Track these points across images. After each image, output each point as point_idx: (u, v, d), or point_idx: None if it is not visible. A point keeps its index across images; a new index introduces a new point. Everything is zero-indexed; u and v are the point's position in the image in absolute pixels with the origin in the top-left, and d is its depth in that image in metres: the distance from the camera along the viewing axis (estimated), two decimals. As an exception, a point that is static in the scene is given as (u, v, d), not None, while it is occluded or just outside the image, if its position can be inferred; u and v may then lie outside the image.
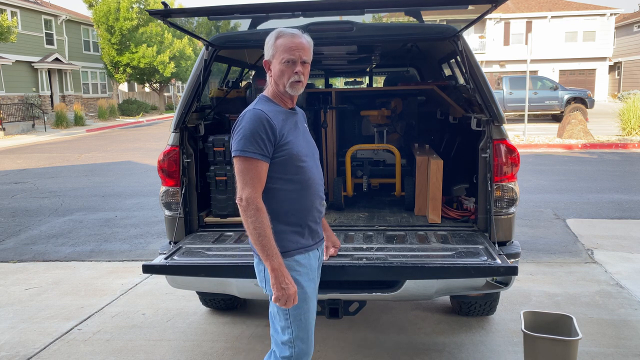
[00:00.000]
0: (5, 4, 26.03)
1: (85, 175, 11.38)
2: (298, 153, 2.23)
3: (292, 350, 2.26)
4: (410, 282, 2.83)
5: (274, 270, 2.13)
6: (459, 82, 4.63)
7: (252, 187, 2.13)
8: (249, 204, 2.12)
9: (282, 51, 2.19)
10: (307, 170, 2.28)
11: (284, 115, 2.24)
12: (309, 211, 2.31)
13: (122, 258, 5.70)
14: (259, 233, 2.11)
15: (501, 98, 20.10)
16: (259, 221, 2.11)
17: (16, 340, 3.81)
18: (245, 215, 2.13)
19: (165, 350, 3.61)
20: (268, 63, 2.25)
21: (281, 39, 2.20)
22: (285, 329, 2.27)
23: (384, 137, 4.86)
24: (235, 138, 2.18)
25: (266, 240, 2.12)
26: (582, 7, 36.50)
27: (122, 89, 39.53)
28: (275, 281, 2.14)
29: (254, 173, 2.14)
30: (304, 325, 2.28)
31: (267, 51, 2.25)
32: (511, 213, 3.18)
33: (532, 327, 2.99)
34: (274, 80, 2.24)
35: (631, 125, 15.27)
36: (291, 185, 2.24)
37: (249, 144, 2.13)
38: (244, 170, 2.14)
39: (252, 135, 2.13)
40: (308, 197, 2.29)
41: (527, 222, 6.69)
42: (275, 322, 2.31)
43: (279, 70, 2.21)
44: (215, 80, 4.89)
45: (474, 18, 3.06)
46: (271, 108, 2.21)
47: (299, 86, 2.23)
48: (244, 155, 2.13)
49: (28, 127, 23.77)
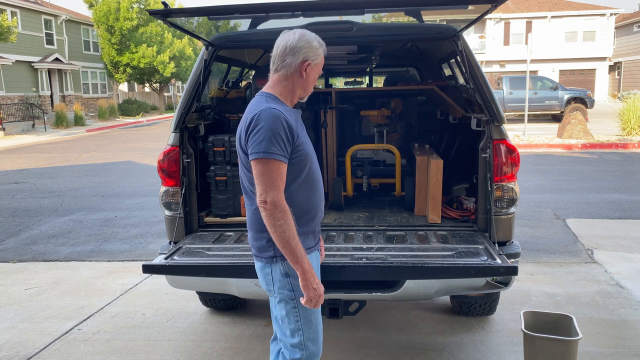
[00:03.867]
0: (5, 4, 26.02)
1: (85, 175, 11.38)
2: (309, 153, 2.22)
3: (302, 352, 2.25)
4: (410, 282, 2.83)
5: (305, 272, 2.09)
6: (459, 82, 4.63)
7: (277, 189, 2.05)
8: (276, 206, 2.04)
9: (322, 63, 2.21)
10: (316, 171, 2.28)
11: (294, 114, 2.22)
12: (317, 212, 2.30)
13: (122, 258, 5.70)
14: (289, 236, 2.05)
15: (501, 98, 20.10)
16: (287, 224, 2.05)
17: (16, 340, 3.81)
18: (272, 219, 2.05)
19: (165, 350, 3.61)
20: (307, 66, 2.17)
21: (322, 50, 2.21)
22: (296, 331, 2.24)
23: (384, 137, 4.86)
24: (254, 139, 2.06)
25: (295, 242, 2.06)
26: (582, 7, 36.50)
27: (122, 89, 39.52)
28: (307, 283, 2.10)
29: (277, 174, 2.06)
30: (314, 327, 2.27)
31: (309, 54, 2.17)
32: (511, 213, 3.18)
33: (532, 327, 2.99)
34: (299, 85, 2.20)
35: (631, 125, 15.27)
36: (304, 186, 2.21)
37: (272, 145, 2.04)
38: (268, 172, 2.05)
39: (273, 135, 2.05)
40: (316, 198, 2.28)
41: (527, 222, 6.69)
42: (283, 326, 2.27)
43: (313, 79, 2.22)
44: (215, 80, 4.89)
45: (474, 18, 3.06)
46: (283, 107, 2.16)
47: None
48: (267, 157, 2.04)
49: (28, 127, 23.77)
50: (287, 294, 2.22)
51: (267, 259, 2.21)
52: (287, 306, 2.23)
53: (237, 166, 3.58)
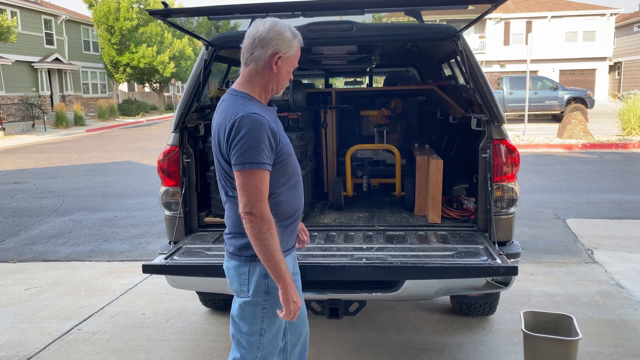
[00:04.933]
0: (5, 4, 26.03)
1: (85, 175, 11.38)
2: (290, 153, 2.13)
3: (258, 351, 2.18)
4: (410, 282, 2.82)
5: (287, 286, 2.01)
6: (459, 82, 4.63)
7: (263, 200, 1.96)
8: (262, 218, 1.95)
9: (296, 56, 2.08)
10: (297, 170, 2.18)
11: (272, 114, 2.11)
12: (298, 212, 2.22)
13: (122, 258, 5.70)
14: (273, 250, 1.97)
15: (501, 98, 20.10)
16: (272, 236, 1.97)
17: (16, 340, 3.81)
18: (257, 232, 1.95)
19: (165, 350, 3.61)
20: (277, 59, 2.03)
21: (296, 41, 2.06)
22: (256, 333, 2.16)
23: (384, 137, 4.86)
24: (237, 148, 1.94)
25: (278, 255, 1.98)
26: (582, 7, 36.50)
27: (122, 89, 39.52)
28: (288, 297, 2.02)
29: (262, 184, 1.97)
30: (276, 327, 2.20)
31: (280, 46, 2.02)
32: (511, 213, 3.18)
33: (532, 327, 2.99)
34: (271, 80, 2.07)
35: (631, 125, 15.27)
36: (287, 188, 2.13)
37: (257, 155, 1.94)
38: (254, 182, 1.95)
39: (258, 144, 1.94)
40: (298, 199, 2.20)
41: (527, 222, 6.69)
42: (242, 323, 2.17)
43: (286, 73, 2.08)
44: (215, 80, 4.89)
45: (474, 18, 3.06)
46: (262, 109, 2.03)
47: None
48: (253, 168, 1.94)
49: (28, 127, 23.77)
50: (262, 297, 2.13)
51: (248, 257, 2.10)
52: (257, 308, 2.14)
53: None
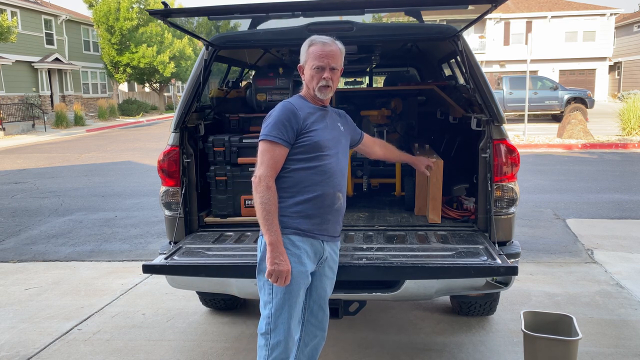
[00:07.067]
0: (5, 4, 26.02)
1: (85, 175, 11.38)
2: (320, 141, 2.41)
3: (268, 326, 2.39)
4: (410, 282, 2.83)
5: (271, 244, 2.28)
6: (459, 82, 4.62)
7: (267, 167, 2.33)
8: (260, 181, 2.32)
9: (313, 58, 2.42)
10: (327, 161, 2.44)
11: (312, 109, 2.47)
12: (322, 200, 2.42)
13: (122, 258, 5.70)
14: (264, 208, 2.29)
15: (501, 98, 20.10)
16: (266, 197, 2.30)
17: (16, 340, 3.81)
18: (255, 192, 2.32)
19: (165, 350, 3.61)
20: (302, 68, 2.50)
21: (313, 47, 2.43)
22: (267, 303, 2.41)
23: (384, 137, 4.85)
24: (263, 125, 2.41)
25: (270, 215, 2.29)
26: (582, 7, 36.49)
27: (122, 89, 39.51)
28: (270, 255, 2.28)
29: (270, 154, 2.35)
30: (282, 304, 2.38)
31: (301, 57, 2.49)
32: (511, 213, 3.18)
33: (532, 327, 2.99)
34: (306, 84, 2.49)
35: (631, 125, 15.27)
36: (310, 169, 2.40)
37: (273, 130, 2.36)
38: (263, 151, 2.36)
39: (277, 122, 2.37)
40: (323, 186, 2.42)
41: (527, 222, 6.69)
42: (260, 294, 2.46)
43: (310, 75, 2.45)
44: (215, 80, 4.88)
45: (474, 18, 3.06)
46: (301, 102, 2.47)
47: (328, 91, 2.46)
48: (265, 138, 2.36)
49: (28, 127, 23.77)
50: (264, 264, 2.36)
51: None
52: (261, 275, 2.41)
53: (236, 166, 3.59)
